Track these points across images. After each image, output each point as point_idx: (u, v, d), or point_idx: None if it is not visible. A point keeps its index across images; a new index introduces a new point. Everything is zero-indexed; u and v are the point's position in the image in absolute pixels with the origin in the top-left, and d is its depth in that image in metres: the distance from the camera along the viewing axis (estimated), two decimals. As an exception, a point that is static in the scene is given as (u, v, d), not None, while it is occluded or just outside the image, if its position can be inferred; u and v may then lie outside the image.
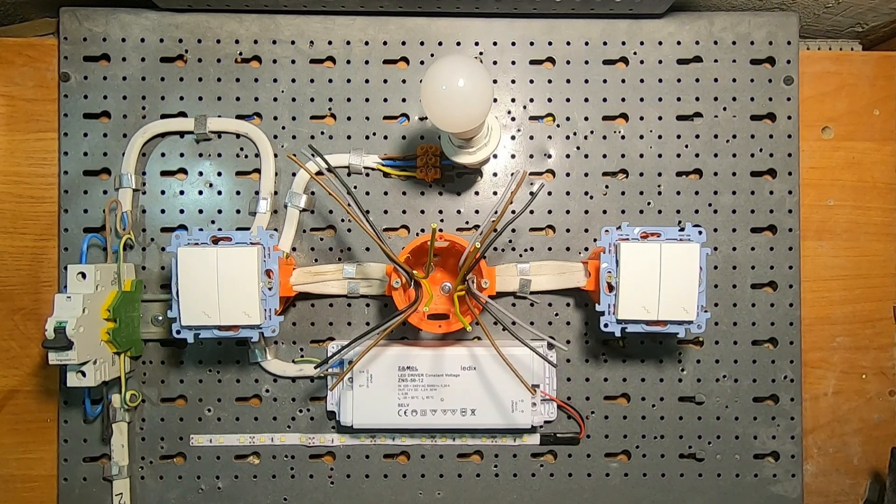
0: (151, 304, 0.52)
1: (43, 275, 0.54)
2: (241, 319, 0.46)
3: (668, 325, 0.46)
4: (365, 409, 0.50)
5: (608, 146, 0.53)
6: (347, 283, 0.51)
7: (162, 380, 0.53)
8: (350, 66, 0.53)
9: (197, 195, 0.53)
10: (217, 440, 0.53)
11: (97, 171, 0.53)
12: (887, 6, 0.53)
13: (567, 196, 0.53)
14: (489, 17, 0.53)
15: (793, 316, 0.53)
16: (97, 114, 0.53)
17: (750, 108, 0.53)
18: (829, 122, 0.56)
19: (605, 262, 0.46)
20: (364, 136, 0.53)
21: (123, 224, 0.52)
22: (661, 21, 0.53)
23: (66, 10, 0.53)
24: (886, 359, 0.56)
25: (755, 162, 0.53)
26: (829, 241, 0.55)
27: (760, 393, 0.53)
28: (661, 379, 0.53)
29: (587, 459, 0.53)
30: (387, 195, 0.53)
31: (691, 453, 0.54)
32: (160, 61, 0.53)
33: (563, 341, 0.53)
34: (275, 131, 0.53)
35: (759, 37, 0.53)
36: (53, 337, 0.44)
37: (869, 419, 0.56)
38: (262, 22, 0.53)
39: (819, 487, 0.56)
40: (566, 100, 0.53)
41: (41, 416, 0.54)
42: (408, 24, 0.53)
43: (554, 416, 0.52)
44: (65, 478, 0.53)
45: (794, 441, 0.53)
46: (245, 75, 0.53)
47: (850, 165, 0.56)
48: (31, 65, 0.54)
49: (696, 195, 0.53)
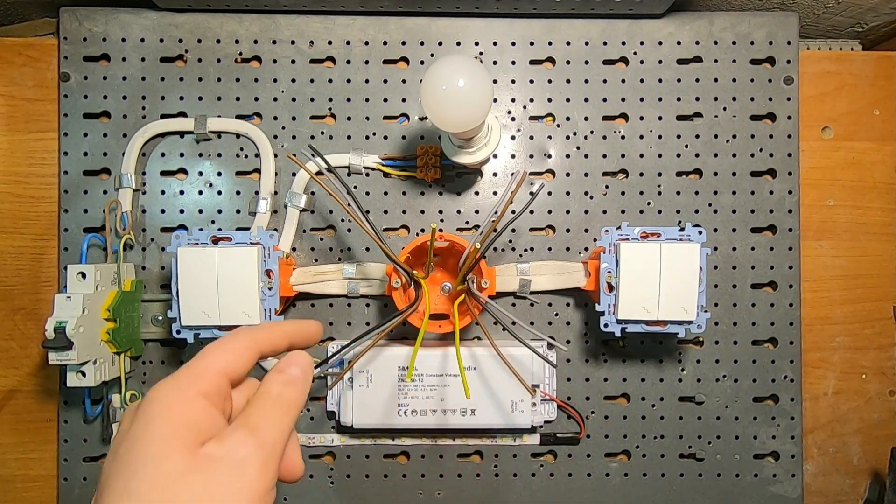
0: (151, 304, 0.52)
1: (43, 275, 0.54)
2: (241, 319, 0.46)
3: (668, 325, 0.46)
4: (365, 409, 0.50)
5: (608, 146, 0.53)
6: (347, 283, 0.51)
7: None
8: (350, 66, 0.53)
9: (197, 195, 0.53)
10: (217, 440, 0.53)
11: (97, 171, 0.53)
12: (887, 6, 0.53)
13: (567, 196, 0.53)
14: (489, 17, 0.53)
15: (793, 316, 0.53)
16: (97, 114, 0.53)
17: (750, 108, 0.53)
18: (829, 122, 0.56)
19: (605, 262, 0.46)
20: (364, 136, 0.53)
21: (123, 224, 0.52)
22: (661, 21, 0.53)
23: (66, 10, 0.53)
24: (886, 359, 0.56)
25: (755, 162, 0.53)
26: (829, 241, 0.55)
27: (760, 393, 0.53)
28: (661, 379, 0.53)
29: (587, 459, 0.53)
30: (387, 195, 0.53)
31: (691, 453, 0.54)
32: (160, 61, 0.53)
33: (563, 341, 0.53)
34: (275, 131, 0.53)
35: (759, 37, 0.53)
36: (53, 337, 0.44)
37: (869, 419, 0.56)
38: (262, 22, 0.53)
39: (819, 487, 0.56)
40: (566, 100, 0.53)
41: (41, 416, 0.54)
42: (408, 24, 0.53)
43: (554, 416, 0.52)
44: (65, 478, 0.53)
45: (794, 441, 0.53)
46: (245, 75, 0.53)
47: (850, 165, 0.56)
48: (31, 65, 0.54)
49: (696, 195, 0.53)
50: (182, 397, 0.24)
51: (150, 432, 0.23)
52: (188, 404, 0.24)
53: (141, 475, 0.22)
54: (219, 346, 0.27)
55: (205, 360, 0.26)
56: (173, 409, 0.24)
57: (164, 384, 0.25)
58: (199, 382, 0.25)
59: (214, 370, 0.26)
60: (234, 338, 0.28)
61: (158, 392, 0.25)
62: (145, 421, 0.24)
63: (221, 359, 0.27)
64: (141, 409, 0.24)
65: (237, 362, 0.27)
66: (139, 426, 0.24)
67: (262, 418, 0.26)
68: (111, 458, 0.24)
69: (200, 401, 0.25)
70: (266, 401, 0.26)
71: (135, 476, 0.22)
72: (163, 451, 0.23)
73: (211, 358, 0.27)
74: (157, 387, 0.25)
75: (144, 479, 0.22)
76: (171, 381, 0.25)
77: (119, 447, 0.24)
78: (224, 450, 0.24)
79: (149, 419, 0.24)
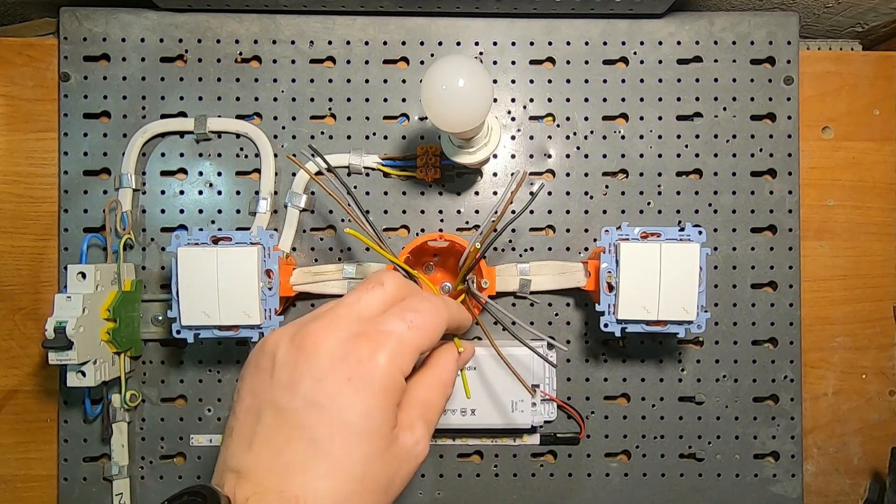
0: (151, 304, 0.52)
1: (43, 275, 0.54)
2: (241, 319, 0.46)
3: (668, 325, 0.46)
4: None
5: (608, 146, 0.53)
6: (347, 283, 0.51)
7: (162, 380, 0.53)
8: (350, 66, 0.53)
9: (197, 195, 0.53)
10: (217, 440, 0.53)
11: (97, 171, 0.53)
12: (887, 6, 0.53)
13: (567, 196, 0.53)
14: (489, 17, 0.53)
15: (793, 316, 0.53)
16: (97, 114, 0.53)
17: (750, 108, 0.53)
18: (829, 122, 0.56)
19: (605, 262, 0.46)
20: (364, 136, 0.53)
21: (123, 224, 0.52)
22: (661, 21, 0.53)
23: (66, 10, 0.53)
24: (886, 359, 0.56)
25: (755, 162, 0.53)
26: (829, 241, 0.55)
27: (760, 393, 0.53)
28: (661, 379, 0.53)
29: (587, 459, 0.53)
30: (387, 195, 0.53)
31: (691, 453, 0.54)
32: (160, 61, 0.53)
33: (563, 341, 0.53)
34: (275, 131, 0.53)
35: (759, 37, 0.53)
36: (53, 337, 0.44)
37: (869, 419, 0.56)
38: (262, 22, 0.53)
39: (819, 487, 0.56)
40: (566, 100, 0.53)
41: (41, 416, 0.54)
42: (408, 24, 0.53)
43: (554, 416, 0.52)
44: (65, 478, 0.53)
45: (794, 441, 0.53)
46: (245, 75, 0.53)
47: (850, 165, 0.56)
48: (31, 65, 0.54)
49: (696, 195, 0.53)
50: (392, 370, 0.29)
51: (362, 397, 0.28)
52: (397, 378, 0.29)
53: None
54: (427, 328, 0.31)
55: (418, 334, 0.30)
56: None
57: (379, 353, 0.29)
58: (403, 362, 0.29)
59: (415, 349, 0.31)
60: (436, 320, 0.32)
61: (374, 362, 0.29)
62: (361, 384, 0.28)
63: (425, 342, 0.31)
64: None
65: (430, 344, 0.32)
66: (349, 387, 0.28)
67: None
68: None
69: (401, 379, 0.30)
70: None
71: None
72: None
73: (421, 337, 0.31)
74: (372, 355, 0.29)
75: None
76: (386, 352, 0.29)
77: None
78: None
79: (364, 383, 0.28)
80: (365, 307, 0.31)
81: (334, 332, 0.29)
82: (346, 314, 0.30)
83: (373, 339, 0.29)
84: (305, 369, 0.28)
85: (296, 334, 0.29)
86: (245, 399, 0.29)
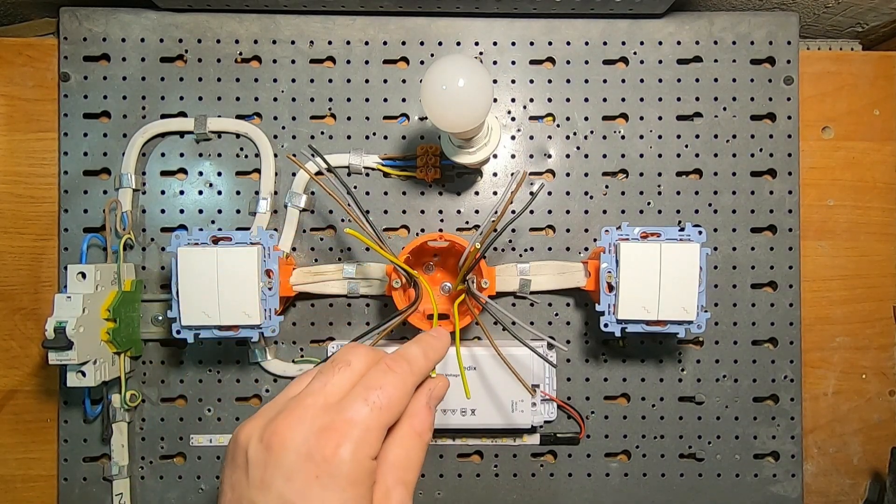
0: (151, 304, 0.52)
1: (43, 275, 0.54)
2: (241, 319, 0.46)
3: (668, 325, 0.46)
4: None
5: (608, 146, 0.53)
6: (347, 283, 0.51)
7: (162, 380, 0.53)
8: (350, 66, 0.53)
9: (197, 195, 0.53)
10: (217, 440, 0.53)
11: (97, 171, 0.53)
12: (887, 6, 0.53)
13: (567, 196, 0.53)
14: (489, 17, 0.53)
15: (793, 316, 0.53)
16: (97, 114, 0.53)
17: (750, 108, 0.53)
18: (829, 122, 0.56)
19: (605, 262, 0.46)
20: (364, 136, 0.53)
21: (123, 224, 0.52)
22: (661, 21, 0.53)
23: (66, 10, 0.53)
24: (886, 359, 0.56)
25: (755, 162, 0.53)
26: (829, 241, 0.55)
27: (760, 393, 0.53)
28: (661, 379, 0.53)
29: (587, 459, 0.53)
30: (387, 195, 0.53)
31: (691, 453, 0.54)
32: (160, 61, 0.53)
33: (563, 341, 0.53)
34: (275, 131, 0.53)
35: (759, 37, 0.53)
36: (53, 337, 0.44)
37: (869, 419, 0.56)
38: (262, 22, 0.53)
39: (819, 487, 0.56)
40: (566, 100, 0.53)
41: (41, 416, 0.54)
42: (408, 24, 0.53)
43: (554, 416, 0.52)
44: (65, 478, 0.53)
45: (794, 441, 0.53)
46: (245, 75, 0.53)
47: (850, 165, 0.56)
48: (31, 65, 0.54)
49: (696, 195, 0.53)
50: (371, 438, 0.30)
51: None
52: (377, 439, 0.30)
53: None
54: (392, 404, 0.31)
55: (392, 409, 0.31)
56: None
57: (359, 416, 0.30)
58: (369, 448, 0.29)
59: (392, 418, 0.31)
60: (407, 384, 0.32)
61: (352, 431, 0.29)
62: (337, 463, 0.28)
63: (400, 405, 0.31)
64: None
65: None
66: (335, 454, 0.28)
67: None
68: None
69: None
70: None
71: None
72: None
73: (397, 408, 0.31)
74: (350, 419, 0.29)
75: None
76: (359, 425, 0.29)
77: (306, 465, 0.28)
78: None
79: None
80: (332, 392, 0.30)
81: (299, 427, 0.29)
82: (312, 403, 0.30)
83: (337, 431, 0.28)
84: (275, 469, 0.28)
85: (265, 430, 0.29)
86: (226, 493, 0.30)
